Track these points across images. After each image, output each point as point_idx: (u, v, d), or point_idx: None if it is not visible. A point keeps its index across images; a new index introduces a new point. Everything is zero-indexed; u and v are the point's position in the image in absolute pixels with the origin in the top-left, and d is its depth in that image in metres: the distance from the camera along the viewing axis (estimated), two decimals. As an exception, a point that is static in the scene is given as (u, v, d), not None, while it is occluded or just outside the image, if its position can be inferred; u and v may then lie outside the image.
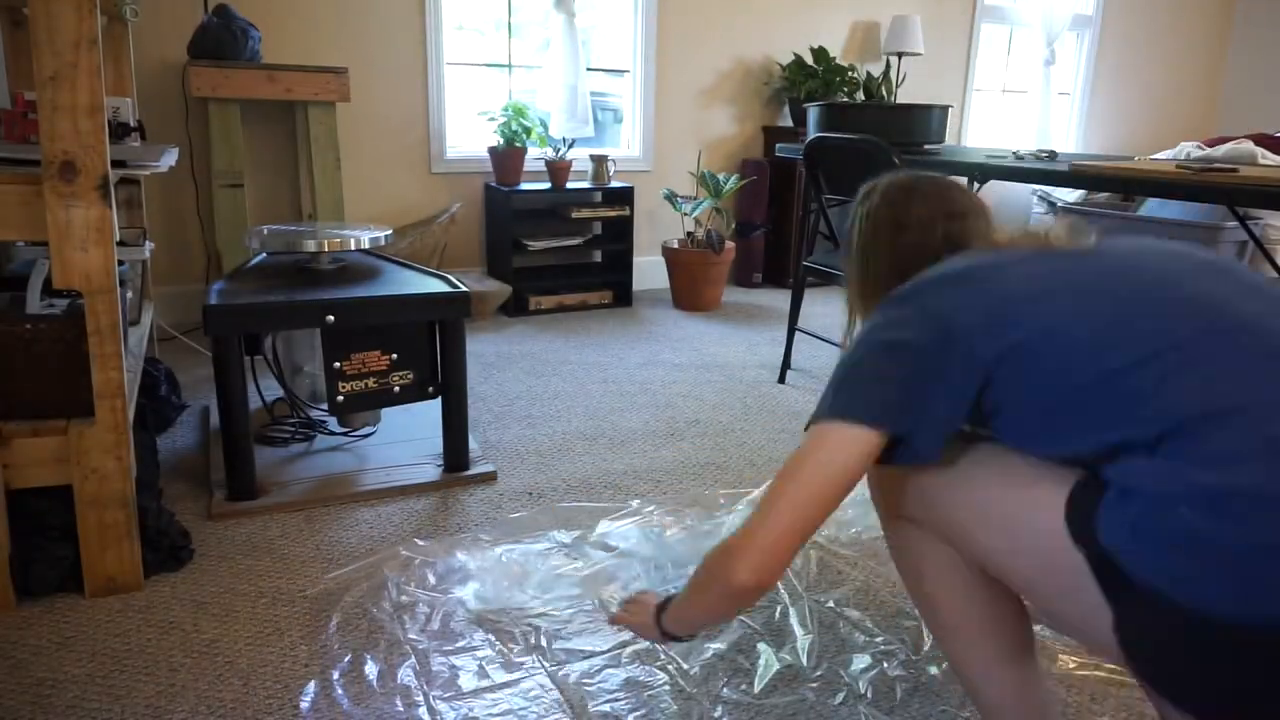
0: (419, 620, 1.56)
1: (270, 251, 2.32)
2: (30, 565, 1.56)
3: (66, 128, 1.39)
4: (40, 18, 1.34)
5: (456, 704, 1.36)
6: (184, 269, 3.43)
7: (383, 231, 2.20)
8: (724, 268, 4.00)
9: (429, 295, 2.03)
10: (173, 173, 3.33)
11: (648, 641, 1.38)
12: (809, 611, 1.62)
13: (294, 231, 2.18)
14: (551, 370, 3.04)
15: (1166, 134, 6.23)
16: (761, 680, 1.44)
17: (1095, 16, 5.63)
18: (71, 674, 1.39)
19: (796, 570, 1.76)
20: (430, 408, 2.45)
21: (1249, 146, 4.02)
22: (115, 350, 1.50)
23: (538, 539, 1.84)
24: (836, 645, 1.53)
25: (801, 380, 3.02)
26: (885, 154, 2.46)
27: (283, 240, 2.09)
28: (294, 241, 2.09)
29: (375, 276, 2.16)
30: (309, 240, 2.09)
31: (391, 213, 3.77)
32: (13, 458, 1.50)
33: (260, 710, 1.33)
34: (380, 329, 2.01)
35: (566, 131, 3.91)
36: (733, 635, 1.55)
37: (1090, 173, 2.11)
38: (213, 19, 2.95)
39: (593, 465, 2.26)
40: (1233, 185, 1.79)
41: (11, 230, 1.44)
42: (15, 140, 1.93)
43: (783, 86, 4.49)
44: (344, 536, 1.85)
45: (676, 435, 2.48)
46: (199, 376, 2.83)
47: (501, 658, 1.47)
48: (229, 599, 1.62)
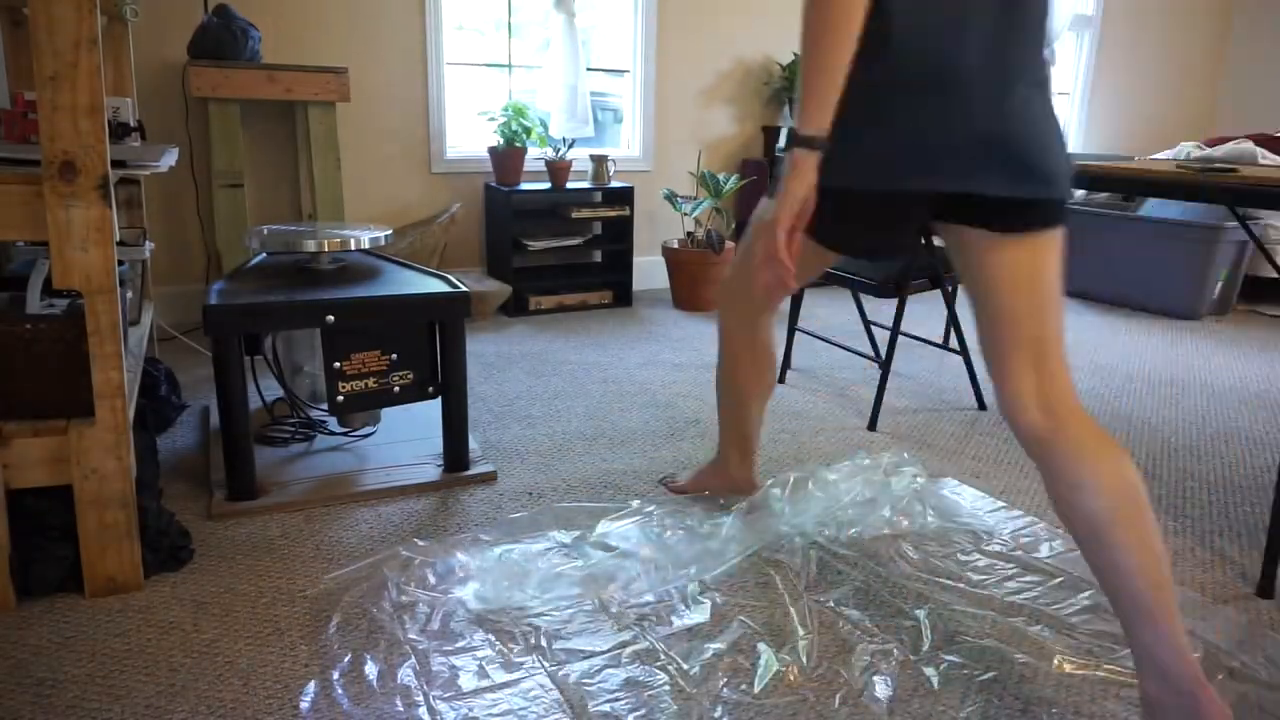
0: (419, 620, 1.56)
1: (270, 251, 2.32)
2: (30, 565, 1.56)
3: (66, 128, 1.39)
4: (40, 18, 1.34)
5: (456, 704, 1.36)
6: (184, 269, 3.43)
7: (382, 231, 2.20)
8: (724, 268, 4.00)
9: (429, 295, 2.03)
10: (173, 173, 3.33)
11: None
12: (809, 611, 1.62)
13: (294, 231, 2.18)
14: (552, 370, 3.04)
15: (1166, 134, 6.23)
16: (761, 680, 1.44)
17: (1095, 16, 5.63)
18: (71, 674, 1.39)
19: (796, 570, 1.77)
20: (430, 408, 2.46)
21: (1249, 146, 4.02)
22: (115, 350, 1.50)
23: (537, 539, 1.84)
24: (836, 645, 1.53)
25: (801, 380, 3.02)
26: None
27: (282, 240, 2.10)
28: (294, 242, 2.09)
29: (375, 276, 2.16)
30: (309, 240, 2.09)
31: (391, 213, 3.77)
32: (13, 458, 1.50)
33: (260, 710, 1.33)
34: (380, 329, 2.01)
35: (566, 131, 3.91)
36: (733, 635, 1.55)
37: (1090, 173, 2.11)
38: (213, 19, 2.95)
39: (593, 465, 2.26)
40: (1233, 185, 1.79)
41: (11, 230, 1.44)
42: (15, 140, 1.93)
43: (783, 86, 4.49)
44: (344, 536, 1.85)
45: (676, 435, 2.48)
46: (199, 376, 2.83)
47: (501, 658, 1.47)
48: (229, 599, 1.62)
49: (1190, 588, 1.76)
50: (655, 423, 2.57)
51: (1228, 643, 1.56)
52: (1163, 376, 3.23)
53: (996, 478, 2.26)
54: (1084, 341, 3.69)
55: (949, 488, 2.19)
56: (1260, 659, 1.52)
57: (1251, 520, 2.09)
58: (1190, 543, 1.96)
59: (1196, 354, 3.55)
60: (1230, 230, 3.98)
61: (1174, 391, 3.05)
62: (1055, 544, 1.91)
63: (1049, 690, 1.44)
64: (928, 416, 2.70)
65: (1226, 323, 4.14)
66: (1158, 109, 6.14)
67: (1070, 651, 1.53)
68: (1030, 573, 1.79)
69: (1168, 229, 4.11)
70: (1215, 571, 1.83)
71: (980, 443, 2.50)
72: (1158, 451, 2.49)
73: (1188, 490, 2.24)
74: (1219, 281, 4.14)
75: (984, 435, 2.56)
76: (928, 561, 1.83)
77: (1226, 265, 4.12)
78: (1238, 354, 3.57)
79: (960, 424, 2.65)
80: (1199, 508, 2.14)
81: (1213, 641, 1.57)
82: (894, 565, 1.81)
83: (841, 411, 2.72)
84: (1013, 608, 1.67)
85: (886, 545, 1.89)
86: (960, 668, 1.48)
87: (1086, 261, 4.48)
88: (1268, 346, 3.71)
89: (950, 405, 2.82)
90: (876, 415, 2.59)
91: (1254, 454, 2.50)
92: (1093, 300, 4.52)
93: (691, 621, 1.59)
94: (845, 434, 2.53)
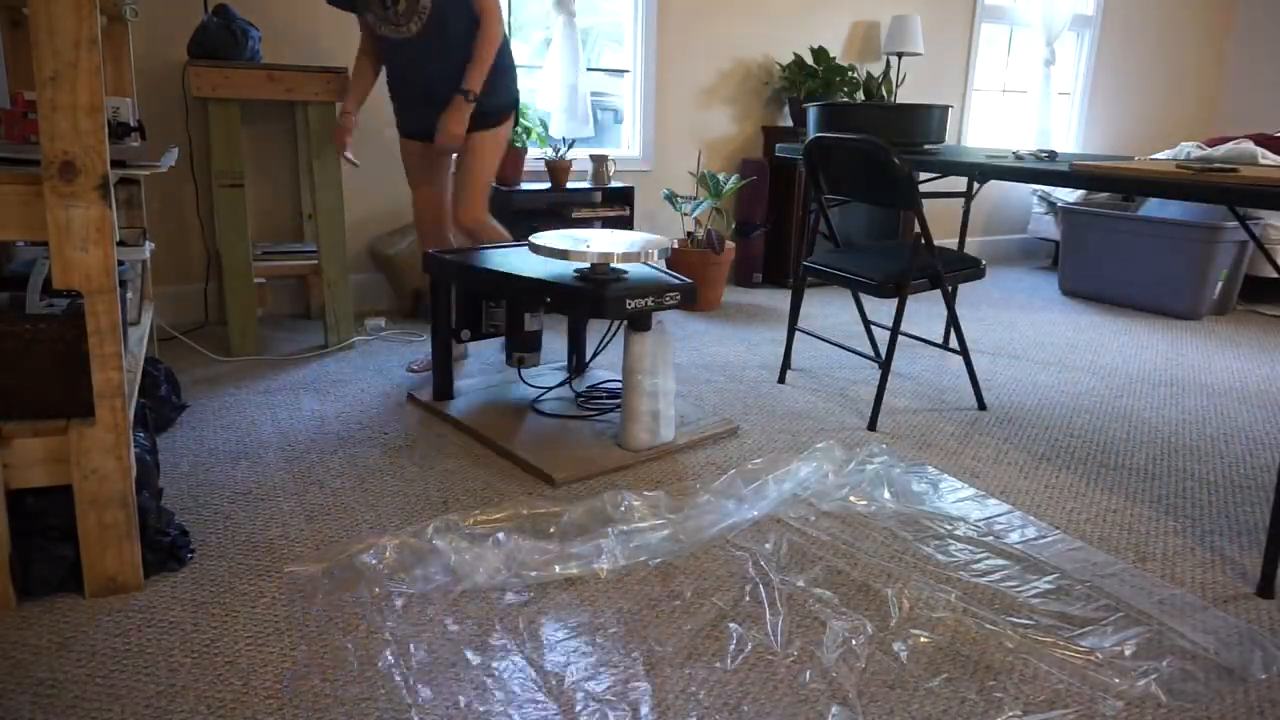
0: (396, 607, 1.57)
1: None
2: (30, 565, 1.56)
3: (66, 128, 1.39)
4: (40, 18, 1.34)
5: (437, 685, 1.37)
6: (184, 269, 3.43)
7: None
8: (724, 268, 4.00)
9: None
10: (173, 173, 3.33)
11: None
12: (779, 592, 1.67)
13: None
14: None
15: (1166, 134, 6.23)
16: (735, 659, 1.47)
17: (1095, 16, 5.63)
18: (71, 674, 1.39)
19: (767, 554, 1.81)
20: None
21: (1249, 146, 4.02)
22: (115, 350, 1.50)
23: (516, 522, 1.86)
24: (808, 623, 1.58)
25: (801, 380, 3.02)
26: (885, 154, 2.46)
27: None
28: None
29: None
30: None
31: (391, 213, 3.77)
32: (13, 458, 1.50)
33: (260, 710, 1.33)
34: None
35: (566, 131, 3.91)
36: (707, 616, 1.59)
37: (1090, 173, 2.11)
38: (213, 19, 2.95)
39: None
40: (1233, 185, 1.79)
41: (11, 230, 1.44)
42: (15, 140, 1.93)
43: (783, 86, 4.50)
44: (344, 536, 1.85)
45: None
46: (199, 376, 2.84)
47: (478, 639, 1.49)
48: (229, 599, 1.62)
49: (1190, 588, 1.76)
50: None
51: (1227, 643, 1.57)
52: (1163, 376, 3.23)
53: (996, 478, 2.26)
54: (1084, 341, 3.69)
55: (926, 475, 2.23)
56: (1258, 659, 1.52)
57: (1251, 520, 2.09)
58: (1190, 543, 1.96)
59: (1196, 354, 3.55)
60: (1230, 230, 3.98)
61: (1174, 391, 3.05)
62: (1027, 530, 1.97)
63: (1009, 663, 1.49)
64: (928, 416, 2.71)
65: (1226, 323, 4.14)
66: (1158, 109, 6.15)
67: (1030, 630, 1.59)
68: (997, 556, 1.85)
69: (1168, 229, 4.11)
70: (1215, 571, 1.83)
71: (980, 443, 2.50)
72: (1158, 451, 2.49)
73: (1188, 490, 2.24)
74: (1219, 281, 4.14)
75: (984, 435, 2.56)
76: (898, 544, 1.88)
77: (1226, 265, 4.13)
78: (1238, 354, 3.57)
79: (960, 424, 2.65)
80: (1199, 508, 2.14)
81: (1212, 642, 1.57)
82: (864, 547, 1.86)
83: (841, 411, 2.72)
84: (978, 588, 1.72)
85: (858, 527, 1.93)
86: (927, 643, 1.54)
87: (1086, 261, 4.48)
88: (1268, 346, 3.71)
89: (950, 405, 2.82)
90: (876, 415, 2.59)
91: (1254, 454, 2.50)
92: (1093, 300, 4.52)
93: (665, 603, 1.61)
94: (845, 434, 2.53)
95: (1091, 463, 2.39)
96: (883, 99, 4.51)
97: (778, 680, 1.42)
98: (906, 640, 1.54)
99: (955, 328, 2.75)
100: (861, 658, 1.49)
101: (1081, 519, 2.05)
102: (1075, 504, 2.13)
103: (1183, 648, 1.55)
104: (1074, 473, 2.32)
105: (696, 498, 2.02)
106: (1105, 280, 4.42)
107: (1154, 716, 1.37)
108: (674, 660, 1.46)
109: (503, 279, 2.32)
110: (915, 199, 2.51)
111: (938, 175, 2.73)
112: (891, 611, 1.62)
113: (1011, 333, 3.80)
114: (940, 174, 2.56)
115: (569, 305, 2.21)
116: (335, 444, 2.33)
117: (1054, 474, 2.31)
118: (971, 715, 1.36)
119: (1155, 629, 1.60)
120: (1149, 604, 1.68)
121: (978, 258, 3.16)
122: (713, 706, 1.36)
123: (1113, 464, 2.39)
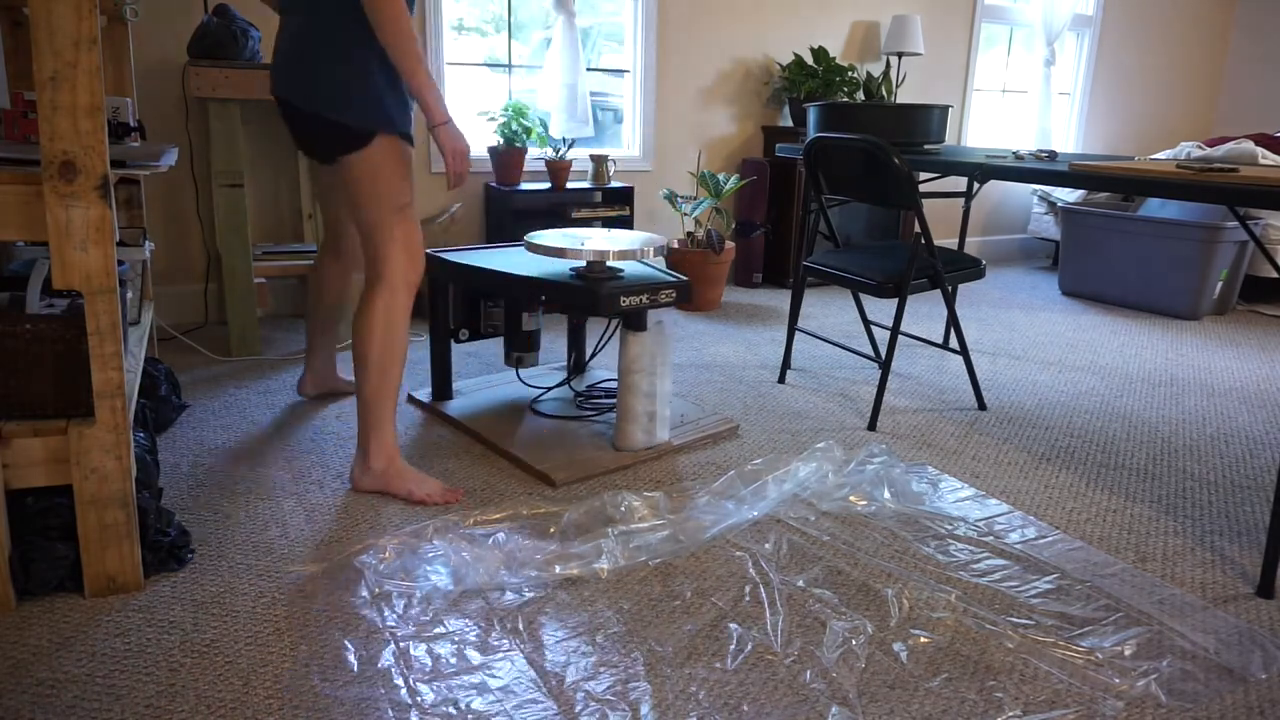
0: (396, 607, 1.57)
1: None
2: (30, 565, 1.56)
3: (66, 128, 1.39)
4: (40, 18, 1.34)
5: (437, 685, 1.38)
6: (184, 269, 3.43)
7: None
8: (724, 268, 4.00)
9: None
10: (173, 173, 3.33)
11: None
12: (779, 592, 1.67)
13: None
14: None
15: (1166, 134, 6.23)
16: (735, 659, 1.47)
17: (1095, 16, 5.63)
18: (71, 674, 1.39)
19: (767, 555, 1.81)
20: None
21: (1249, 146, 4.02)
22: (115, 350, 1.50)
23: (516, 523, 1.86)
24: (808, 623, 1.57)
25: (801, 380, 3.02)
26: (885, 154, 2.46)
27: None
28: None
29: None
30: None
31: (391, 213, 3.76)
32: (13, 458, 1.50)
33: (260, 710, 1.33)
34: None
35: (566, 131, 3.91)
36: (707, 616, 1.58)
37: (1090, 172, 2.11)
38: (213, 19, 2.95)
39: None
40: (1233, 185, 1.79)
41: (11, 230, 1.44)
42: (15, 140, 1.93)
43: (783, 86, 4.50)
44: (344, 536, 1.85)
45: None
46: (199, 376, 2.84)
47: (479, 640, 1.49)
48: (229, 599, 1.62)
49: (1190, 588, 1.76)
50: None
51: (1227, 643, 1.57)
52: (1163, 376, 3.23)
53: (996, 478, 2.26)
54: (1084, 341, 3.69)
55: (926, 475, 2.23)
56: (1258, 659, 1.52)
57: (1251, 520, 2.09)
58: (1190, 543, 1.96)
59: (1196, 354, 3.55)
60: (1230, 230, 3.98)
61: (1174, 391, 3.05)
62: (1027, 530, 1.97)
63: (1009, 663, 1.48)
64: (928, 416, 2.71)
65: (1226, 323, 4.14)
66: (1158, 109, 6.15)
67: (1030, 630, 1.58)
68: (998, 556, 1.85)
69: (1168, 229, 4.11)
70: (1215, 571, 1.83)
71: (980, 443, 2.50)
72: (1158, 451, 2.49)
73: (1187, 490, 2.24)
74: (1219, 281, 4.14)
75: (984, 435, 2.56)
76: (898, 544, 1.88)
77: (1226, 265, 4.13)
78: (1238, 354, 3.57)
79: (960, 424, 2.65)
80: (1199, 508, 2.14)
81: (1212, 642, 1.57)
82: (864, 547, 1.86)
83: (841, 411, 2.72)
84: (978, 588, 1.72)
85: (857, 528, 1.93)
86: (927, 643, 1.54)
87: (1086, 261, 4.48)
88: (1268, 346, 3.71)
89: (950, 405, 2.82)
90: (876, 415, 2.59)
91: (1254, 454, 2.50)
92: (1093, 300, 4.52)
93: (665, 603, 1.60)
94: (845, 434, 2.53)
95: (1091, 463, 2.39)
96: (883, 99, 4.51)
97: (778, 680, 1.42)
98: (906, 640, 1.54)
99: (955, 328, 2.75)
100: (861, 658, 1.49)
101: (1081, 519, 2.05)
102: (1075, 504, 2.13)
103: (1183, 648, 1.55)
104: (1074, 473, 2.32)
105: (697, 498, 2.02)
106: (1105, 280, 4.42)
107: (1154, 716, 1.37)
108: (674, 660, 1.46)
109: (499, 278, 2.32)
110: (915, 199, 2.51)
111: (938, 175, 2.73)
112: (891, 611, 1.62)
113: (1011, 333, 3.80)
114: (940, 174, 2.56)
115: (564, 303, 2.21)
116: (335, 444, 2.33)
117: (1054, 474, 2.31)
118: (971, 715, 1.36)
119: (1155, 629, 1.60)
120: (1149, 604, 1.68)
121: (978, 258, 3.16)
122: (713, 706, 1.36)
123: (1113, 464, 2.39)
